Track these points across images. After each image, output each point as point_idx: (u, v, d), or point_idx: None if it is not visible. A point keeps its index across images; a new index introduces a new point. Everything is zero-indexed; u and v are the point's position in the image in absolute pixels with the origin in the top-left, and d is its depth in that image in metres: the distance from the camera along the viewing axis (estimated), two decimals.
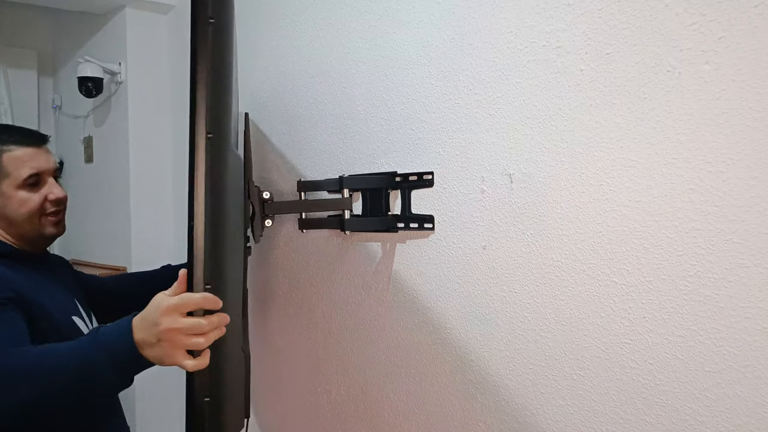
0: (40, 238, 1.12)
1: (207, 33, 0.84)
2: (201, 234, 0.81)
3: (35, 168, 1.09)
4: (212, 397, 0.84)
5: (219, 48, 0.87)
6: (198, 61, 0.83)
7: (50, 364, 0.83)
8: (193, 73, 0.83)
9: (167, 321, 0.79)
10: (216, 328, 0.82)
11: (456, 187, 1.08)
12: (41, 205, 1.10)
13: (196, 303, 0.80)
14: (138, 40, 2.02)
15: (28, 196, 1.09)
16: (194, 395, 0.82)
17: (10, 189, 1.08)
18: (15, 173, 1.08)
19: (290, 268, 1.48)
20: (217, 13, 0.86)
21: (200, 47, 0.83)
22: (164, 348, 0.80)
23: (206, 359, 0.81)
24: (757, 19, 0.73)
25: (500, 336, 1.03)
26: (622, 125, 0.85)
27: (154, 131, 2.05)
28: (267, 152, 1.52)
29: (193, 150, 0.82)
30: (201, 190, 0.82)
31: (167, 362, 0.81)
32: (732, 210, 0.76)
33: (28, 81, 2.62)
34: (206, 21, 0.84)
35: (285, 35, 1.44)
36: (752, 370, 0.75)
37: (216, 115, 0.85)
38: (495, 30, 1.00)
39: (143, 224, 2.03)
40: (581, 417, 0.93)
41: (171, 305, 0.80)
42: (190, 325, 0.79)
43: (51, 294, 1.10)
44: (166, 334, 0.79)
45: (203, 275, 0.81)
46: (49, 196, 1.11)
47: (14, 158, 1.08)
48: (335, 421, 1.38)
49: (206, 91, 0.83)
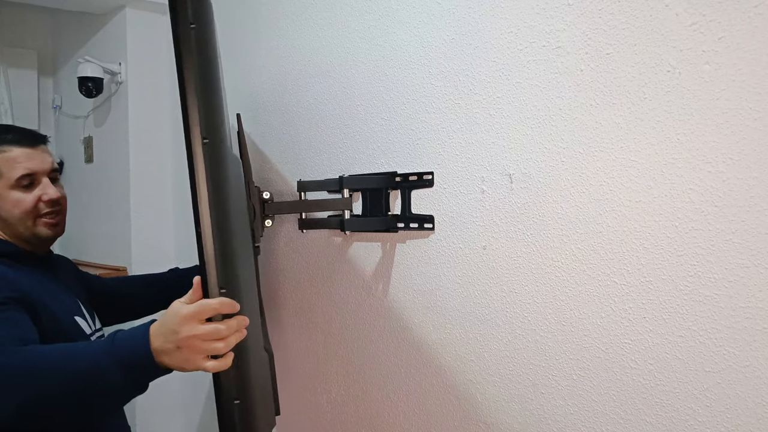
0: (36, 239, 1.11)
1: (190, 38, 0.84)
2: (209, 239, 0.81)
3: (29, 168, 1.09)
4: (241, 399, 0.84)
5: (203, 51, 0.87)
6: (185, 67, 0.83)
7: (62, 365, 0.83)
8: (181, 80, 0.83)
9: (186, 329, 0.80)
10: (236, 332, 0.82)
11: (456, 187, 1.08)
12: (35, 206, 1.09)
13: (213, 309, 0.81)
14: (138, 40, 2.02)
15: (21, 196, 1.08)
16: (223, 399, 0.83)
17: (3, 190, 1.07)
18: (8, 173, 1.07)
19: (290, 268, 1.48)
20: (197, 17, 0.85)
21: (185, 53, 0.83)
22: (184, 354, 0.80)
23: (228, 360, 0.82)
24: (757, 19, 0.73)
25: (500, 336, 1.03)
26: (622, 125, 0.85)
27: (154, 131, 2.05)
28: (267, 152, 1.52)
29: (191, 156, 0.82)
30: (204, 195, 0.82)
31: (188, 368, 0.82)
32: (732, 210, 0.76)
33: (28, 81, 2.62)
34: (187, 26, 0.84)
35: (285, 35, 1.44)
36: (752, 370, 0.75)
37: (209, 119, 0.85)
38: (495, 30, 1.00)
39: (143, 224, 2.03)
40: (581, 417, 0.93)
41: (189, 313, 0.80)
42: (208, 331, 0.80)
43: (54, 294, 1.10)
44: (186, 341, 0.80)
45: (216, 280, 0.81)
46: (43, 196, 1.10)
47: (8, 159, 1.07)
48: (335, 421, 1.38)
49: (197, 96, 0.83)
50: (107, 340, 0.85)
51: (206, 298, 0.82)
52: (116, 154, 2.08)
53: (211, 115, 0.86)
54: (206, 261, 0.81)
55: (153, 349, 0.82)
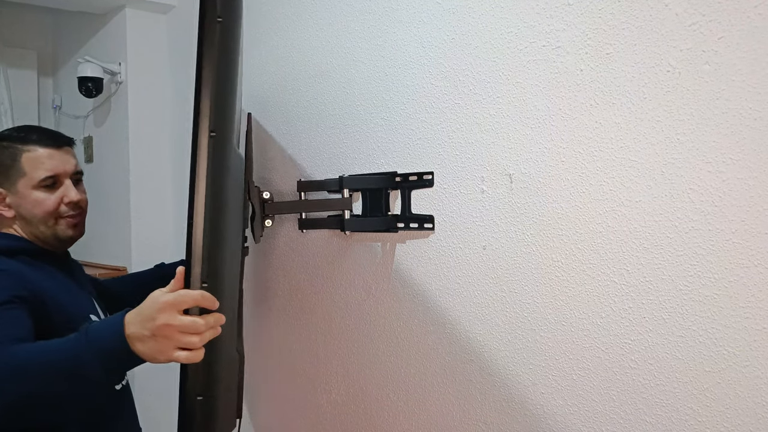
0: (56, 239, 1.12)
1: (215, 31, 0.84)
2: (200, 232, 0.81)
3: (52, 170, 1.09)
4: (205, 396, 0.84)
5: (225, 47, 0.87)
6: (204, 60, 0.83)
7: (39, 361, 0.82)
8: (199, 72, 0.83)
9: (164, 317, 0.79)
10: (211, 328, 0.82)
11: (456, 187, 1.08)
12: (56, 207, 1.10)
13: (193, 300, 0.80)
14: (138, 40, 2.02)
15: (43, 197, 1.09)
16: (187, 393, 0.82)
17: (26, 189, 1.08)
18: (31, 173, 1.08)
19: (290, 268, 1.47)
20: (225, 12, 0.86)
21: (207, 46, 0.83)
22: (158, 343, 0.79)
23: (200, 354, 0.81)
24: (757, 19, 0.73)
25: (500, 336, 1.03)
26: (622, 125, 0.85)
27: (154, 131, 2.05)
28: (267, 152, 1.52)
29: (196, 148, 0.82)
30: (202, 188, 0.82)
31: (160, 358, 0.80)
32: (732, 210, 0.76)
33: (28, 81, 2.62)
34: (214, 19, 0.84)
35: (285, 35, 1.44)
36: (752, 370, 0.75)
37: (220, 113, 0.85)
38: (495, 30, 1.00)
39: (143, 224, 2.03)
40: (581, 417, 0.93)
41: (168, 301, 0.79)
42: (186, 324, 0.79)
43: (71, 292, 1.11)
44: (162, 329, 0.79)
45: (200, 273, 0.81)
46: (65, 198, 1.11)
47: (33, 158, 1.08)
48: (335, 421, 1.38)
49: (211, 89, 0.83)
50: (82, 330, 0.84)
51: (188, 289, 0.81)
52: (116, 154, 2.08)
53: (222, 110, 0.86)
54: (193, 252, 0.81)
55: (127, 336, 0.81)
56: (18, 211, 1.09)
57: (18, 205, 1.08)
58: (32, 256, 1.08)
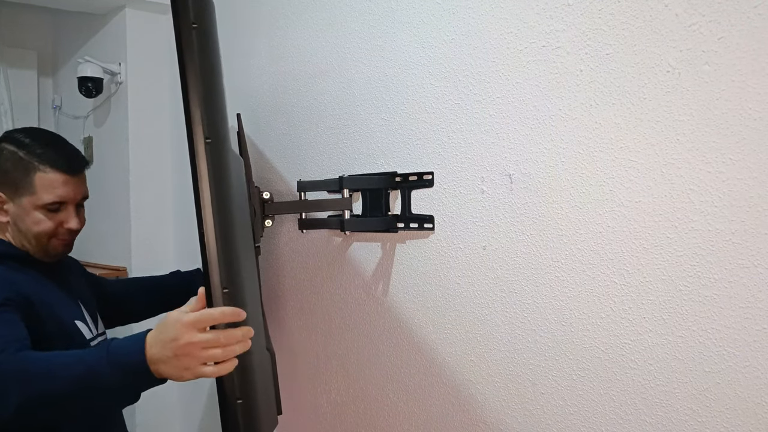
0: (44, 254, 1.12)
1: (192, 38, 0.84)
2: (212, 239, 0.82)
3: (60, 197, 1.08)
4: (244, 399, 0.85)
5: (205, 51, 0.87)
6: (187, 67, 0.83)
7: (56, 370, 0.83)
8: (184, 80, 0.83)
9: (187, 337, 0.80)
10: (240, 342, 0.82)
11: (456, 187, 1.08)
12: (54, 231, 1.10)
13: (213, 319, 0.81)
14: (138, 40, 2.02)
15: (44, 218, 1.08)
16: (226, 399, 0.84)
17: (29, 205, 1.07)
18: (40, 194, 1.07)
19: (290, 268, 1.48)
20: (198, 17, 0.85)
21: (187, 53, 0.83)
22: (183, 362, 0.81)
23: (228, 365, 0.82)
24: (757, 19, 0.73)
25: (500, 336, 1.03)
26: (622, 125, 0.85)
27: (154, 131, 2.05)
28: (267, 152, 1.52)
29: (194, 156, 0.82)
30: (207, 196, 0.82)
31: (187, 375, 0.82)
32: (732, 210, 0.76)
33: (28, 81, 2.62)
34: (189, 26, 0.84)
35: (285, 35, 1.44)
36: (752, 370, 0.75)
37: (212, 119, 0.85)
38: (495, 30, 1.00)
39: (143, 224, 2.03)
40: (581, 417, 0.93)
41: (190, 321, 0.80)
42: (207, 339, 0.80)
43: (58, 297, 1.11)
44: (184, 348, 0.80)
45: (219, 280, 0.81)
46: (65, 224, 1.11)
47: (46, 180, 1.07)
48: (335, 421, 1.39)
49: (199, 96, 0.83)
50: (103, 348, 0.85)
51: (209, 308, 0.82)
52: (116, 154, 2.08)
53: (214, 115, 0.86)
54: (209, 260, 0.81)
55: (149, 358, 0.82)
56: (14, 220, 1.08)
57: (16, 215, 1.08)
58: (19, 262, 1.08)
